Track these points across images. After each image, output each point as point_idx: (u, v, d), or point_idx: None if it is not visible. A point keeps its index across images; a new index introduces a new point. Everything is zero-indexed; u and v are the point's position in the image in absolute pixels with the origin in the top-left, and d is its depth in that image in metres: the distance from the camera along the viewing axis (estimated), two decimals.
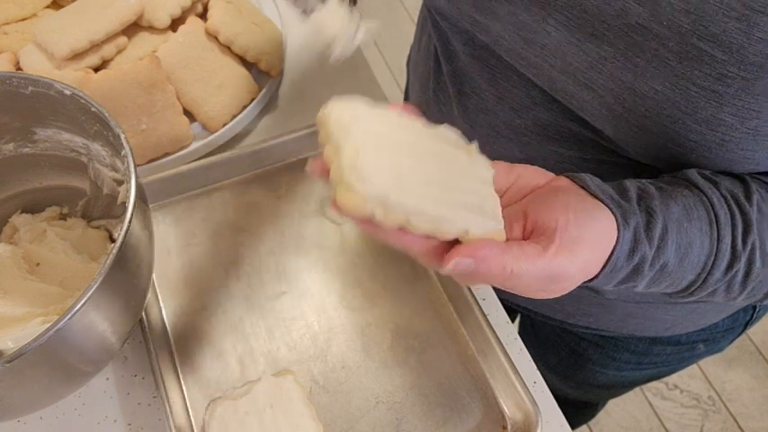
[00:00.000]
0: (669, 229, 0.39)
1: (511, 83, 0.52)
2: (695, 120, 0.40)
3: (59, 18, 0.67)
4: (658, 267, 0.39)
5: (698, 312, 0.65)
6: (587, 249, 0.37)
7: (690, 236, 0.39)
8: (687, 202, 0.40)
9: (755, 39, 0.37)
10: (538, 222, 0.37)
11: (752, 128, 0.40)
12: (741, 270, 0.41)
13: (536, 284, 0.37)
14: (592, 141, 0.50)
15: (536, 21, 0.45)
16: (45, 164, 0.58)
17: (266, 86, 0.73)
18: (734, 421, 1.51)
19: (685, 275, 0.41)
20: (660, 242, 0.38)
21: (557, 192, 0.39)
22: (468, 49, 0.55)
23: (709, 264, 0.40)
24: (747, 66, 0.37)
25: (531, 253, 0.36)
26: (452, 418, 0.56)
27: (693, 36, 0.38)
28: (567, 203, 0.37)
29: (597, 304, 0.65)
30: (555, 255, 0.36)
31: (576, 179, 0.40)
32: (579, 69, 0.44)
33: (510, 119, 0.54)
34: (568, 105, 0.48)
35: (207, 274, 0.62)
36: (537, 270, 0.36)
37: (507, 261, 0.35)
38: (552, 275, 0.36)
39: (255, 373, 0.57)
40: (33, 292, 0.53)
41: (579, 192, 0.39)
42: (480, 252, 0.35)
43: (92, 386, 0.56)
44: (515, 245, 0.36)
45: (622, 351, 0.74)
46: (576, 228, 0.36)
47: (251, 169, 0.69)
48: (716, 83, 0.39)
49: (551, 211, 0.37)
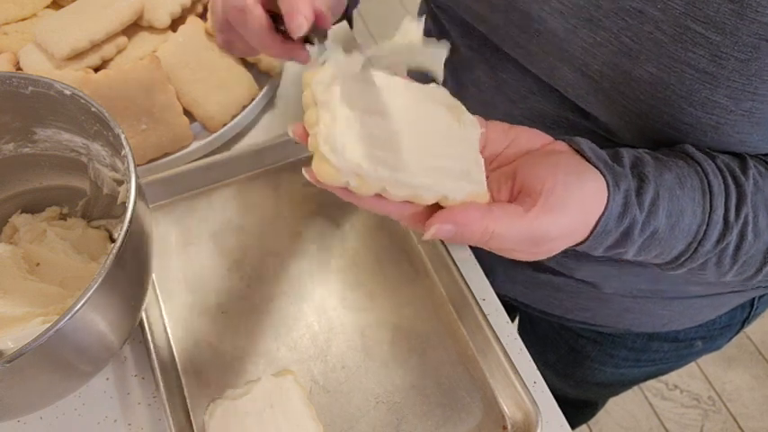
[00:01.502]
0: (661, 196, 0.39)
1: (508, 74, 0.52)
2: (690, 102, 0.41)
3: (59, 18, 0.67)
4: (649, 233, 0.39)
5: (695, 308, 0.65)
6: (572, 212, 0.36)
7: (682, 204, 0.39)
8: (681, 172, 0.40)
9: (749, 19, 0.37)
10: (525, 184, 0.37)
11: (746, 110, 0.40)
12: (732, 242, 0.41)
13: (518, 246, 0.37)
14: (588, 130, 0.50)
15: (532, 8, 0.45)
16: (45, 164, 0.58)
17: (266, 86, 0.73)
18: (734, 421, 1.51)
19: (676, 244, 0.40)
20: (651, 207, 0.38)
21: (549, 155, 0.39)
22: (465, 42, 0.55)
23: (700, 233, 0.40)
24: (741, 47, 0.37)
25: (513, 213, 0.36)
26: (452, 418, 0.56)
27: (687, 18, 0.38)
28: (556, 166, 0.37)
29: (595, 299, 0.65)
30: (536, 216, 0.36)
31: (571, 143, 0.40)
32: (575, 55, 0.44)
33: (507, 109, 0.54)
34: (564, 93, 0.49)
35: (207, 274, 0.62)
36: (518, 231, 0.36)
37: (488, 223, 0.35)
38: (533, 237, 0.36)
39: (255, 373, 0.57)
40: (33, 292, 0.53)
41: (572, 155, 0.39)
42: (461, 217, 0.35)
43: (92, 386, 0.56)
44: (497, 206, 0.36)
45: (620, 348, 0.74)
46: (564, 190, 0.36)
47: (251, 169, 0.69)
48: (710, 64, 0.39)
49: (539, 172, 0.37)
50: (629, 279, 0.60)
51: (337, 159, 0.33)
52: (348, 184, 0.34)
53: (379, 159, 0.34)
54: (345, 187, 0.34)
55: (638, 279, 0.60)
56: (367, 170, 0.33)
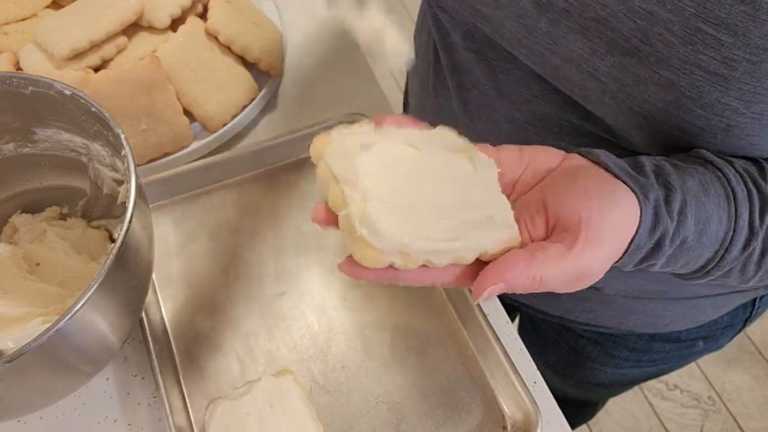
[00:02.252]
0: (688, 203, 0.38)
1: (510, 76, 0.52)
2: (700, 105, 0.40)
3: (59, 18, 0.67)
4: (678, 242, 0.38)
5: (697, 308, 0.65)
6: (611, 238, 0.36)
7: (708, 210, 0.39)
8: (703, 178, 0.40)
9: (761, 21, 0.36)
10: (560, 217, 0.36)
11: (757, 112, 0.39)
12: (758, 248, 0.41)
13: (565, 284, 0.36)
14: (592, 134, 0.49)
15: (537, 8, 0.44)
16: (45, 164, 0.58)
17: (266, 86, 0.73)
18: (734, 421, 1.51)
19: (703, 252, 0.40)
20: (680, 216, 0.38)
21: (574, 176, 0.38)
22: (467, 43, 0.55)
23: (726, 240, 0.40)
24: (753, 49, 0.37)
25: (557, 255, 0.35)
26: (452, 418, 0.56)
27: (698, 19, 0.38)
28: (586, 191, 0.36)
29: (597, 300, 0.65)
30: (581, 252, 0.35)
31: (589, 155, 0.39)
32: (582, 56, 0.44)
33: (510, 112, 0.53)
34: (570, 95, 0.48)
35: (207, 274, 0.62)
36: (564, 272, 0.35)
37: (534, 272, 0.34)
38: (580, 273, 0.35)
39: (255, 373, 0.57)
40: (33, 292, 0.53)
41: (596, 172, 0.38)
42: (508, 273, 0.34)
43: (92, 386, 0.56)
44: (539, 251, 0.35)
45: (622, 348, 0.74)
46: (599, 218, 0.35)
47: (251, 169, 0.69)
48: (721, 66, 0.38)
49: (572, 201, 0.36)
50: (631, 280, 0.60)
51: (379, 241, 0.31)
52: (392, 264, 0.32)
53: (417, 231, 0.32)
54: (389, 269, 0.33)
55: (640, 280, 0.60)
56: (411, 246, 0.32)
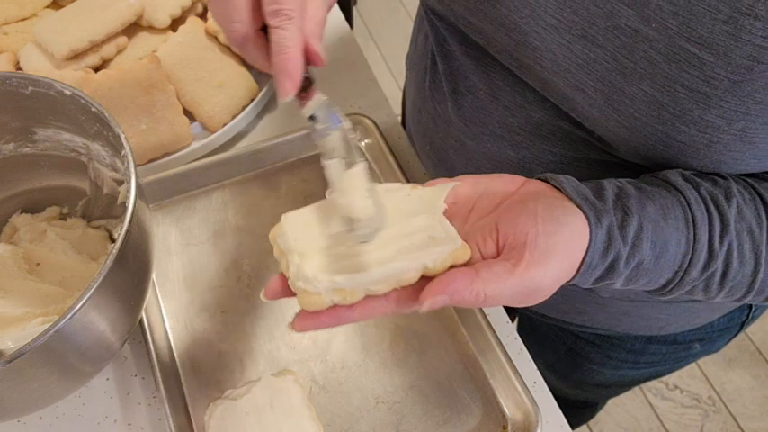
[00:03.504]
0: (644, 228, 0.39)
1: (505, 82, 0.52)
2: (683, 121, 0.41)
3: (59, 18, 0.67)
4: (634, 265, 0.40)
5: (692, 311, 0.65)
6: (558, 258, 0.37)
7: (666, 234, 0.40)
8: (665, 202, 0.41)
9: (743, 41, 0.37)
10: (508, 237, 0.37)
11: (739, 129, 0.40)
12: (719, 270, 0.42)
13: (512, 300, 0.37)
14: (584, 141, 0.50)
15: (527, 23, 0.45)
16: (45, 164, 0.58)
17: (266, 86, 0.73)
18: (734, 421, 1.51)
19: (662, 273, 0.41)
20: (635, 240, 0.39)
21: (526, 201, 0.39)
22: (463, 49, 0.55)
23: (685, 263, 0.41)
24: (734, 68, 0.38)
25: (501, 272, 0.36)
26: (452, 418, 0.56)
27: (681, 38, 0.39)
28: (534, 213, 0.38)
29: (591, 302, 0.65)
30: (525, 270, 0.36)
31: (551, 180, 0.41)
32: (569, 71, 0.45)
33: (503, 118, 0.54)
34: (560, 106, 0.49)
35: (207, 274, 0.62)
36: (509, 289, 0.36)
37: (478, 287, 0.35)
38: (526, 290, 0.37)
39: (255, 373, 0.57)
40: (33, 292, 0.53)
41: (550, 196, 0.40)
42: (451, 286, 0.35)
43: (92, 386, 0.56)
44: (483, 268, 0.36)
45: (619, 350, 0.74)
46: (545, 238, 0.37)
47: (251, 169, 0.69)
48: (703, 85, 0.39)
49: (520, 223, 0.37)
50: None
51: (312, 286, 0.35)
52: (334, 302, 0.36)
53: (350, 267, 0.36)
54: (334, 306, 0.36)
55: None
56: (342, 282, 0.35)
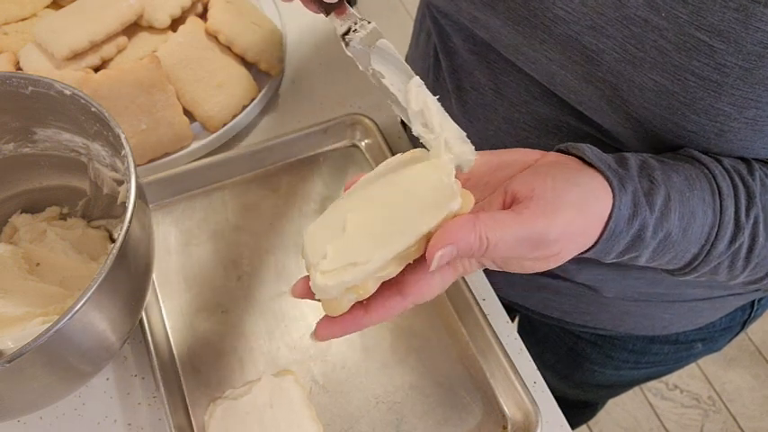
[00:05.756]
0: (672, 198, 0.38)
1: (510, 78, 0.52)
2: (693, 110, 0.41)
3: (59, 18, 0.67)
4: (661, 236, 0.39)
5: (695, 311, 0.65)
6: (567, 212, 0.36)
7: (692, 205, 0.39)
8: (689, 174, 0.40)
9: (753, 28, 0.37)
10: (515, 192, 0.37)
11: (750, 117, 0.40)
12: (745, 243, 0.41)
13: (520, 251, 0.36)
14: (590, 136, 0.50)
15: (534, 15, 0.45)
16: (45, 164, 0.58)
17: (266, 86, 0.73)
18: (734, 421, 1.51)
19: (689, 247, 0.40)
20: (663, 209, 0.38)
21: (540, 166, 0.39)
22: (467, 45, 0.55)
23: (712, 235, 0.40)
24: (745, 55, 0.38)
25: (503, 218, 0.35)
26: (452, 417, 0.56)
27: (692, 26, 0.38)
28: (546, 174, 0.37)
29: (595, 302, 0.65)
30: (528, 218, 0.35)
31: (572, 149, 0.40)
32: (578, 62, 0.44)
33: (508, 114, 0.54)
34: (567, 100, 0.49)
35: (207, 274, 0.62)
36: (512, 234, 0.35)
37: (481, 231, 0.34)
38: (531, 239, 0.35)
39: (255, 373, 0.57)
40: (33, 292, 0.53)
41: (569, 163, 0.39)
42: (455, 234, 0.34)
43: (92, 386, 0.56)
44: (485, 214, 0.35)
45: (620, 350, 0.74)
46: (553, 192, 0.36)
47: (251, 169, 0.69)
48: (714, 72, 0.39)
49: (528, 180, 0.37)
50: (629, 283, 0.60)
51: (327, 294, 0.36)
52: (352, 301, 0.36)
53: (359, 263, 0.36)
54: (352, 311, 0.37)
55: (638, 282, 0.60)
56: (350, 280, 0.35)
